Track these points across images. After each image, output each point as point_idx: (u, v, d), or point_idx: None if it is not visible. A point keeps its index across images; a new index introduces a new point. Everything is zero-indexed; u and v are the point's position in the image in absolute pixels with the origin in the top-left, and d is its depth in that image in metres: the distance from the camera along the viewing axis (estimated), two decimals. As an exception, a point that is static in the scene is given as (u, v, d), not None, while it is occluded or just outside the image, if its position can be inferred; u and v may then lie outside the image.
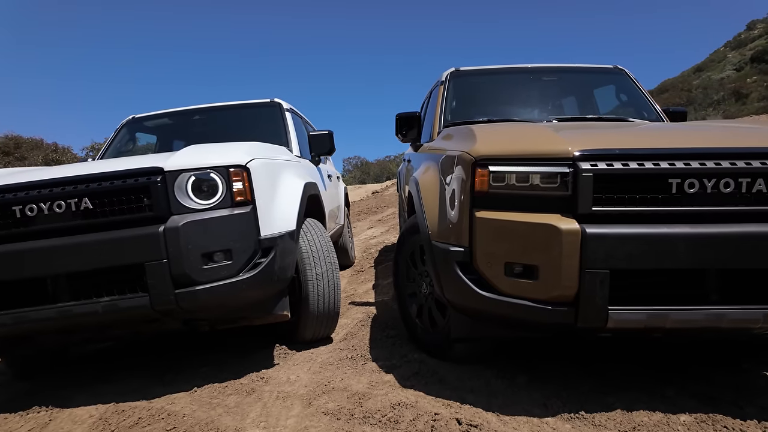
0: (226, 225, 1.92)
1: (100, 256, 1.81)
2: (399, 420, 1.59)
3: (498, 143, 1.68)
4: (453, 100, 3.02)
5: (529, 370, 1.94)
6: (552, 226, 1.48)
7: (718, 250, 1.44)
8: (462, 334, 1.92)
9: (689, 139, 1.63)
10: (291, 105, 3.80)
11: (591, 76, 3.14)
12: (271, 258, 2.00)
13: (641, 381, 1.83)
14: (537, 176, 1.55)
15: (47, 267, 1.82)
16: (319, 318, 2.38)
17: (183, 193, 1.89)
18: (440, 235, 1.84)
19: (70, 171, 1.97)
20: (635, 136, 1.75)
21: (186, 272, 1.81)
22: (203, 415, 1.76)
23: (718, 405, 1.64)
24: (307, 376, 2.06)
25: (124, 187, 1.86)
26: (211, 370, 2.23)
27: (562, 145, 1.54)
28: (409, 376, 1.97)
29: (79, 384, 2.23)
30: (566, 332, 1.62)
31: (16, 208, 1.86)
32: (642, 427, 1.48)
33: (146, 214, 1.86)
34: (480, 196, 1.64)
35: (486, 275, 1.64)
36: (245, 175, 2.00)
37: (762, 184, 1.45)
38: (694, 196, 1.47)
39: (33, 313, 1.83)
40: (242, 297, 1.96)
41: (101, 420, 1.79)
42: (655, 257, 1.44)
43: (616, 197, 1.49)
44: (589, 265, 1.44)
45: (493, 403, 1.68)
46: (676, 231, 1.44)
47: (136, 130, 3.73)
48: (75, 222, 1.86)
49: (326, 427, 1.58)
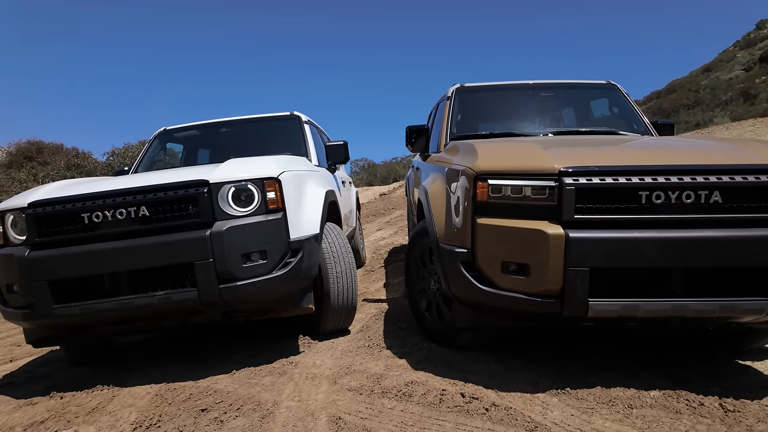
0: (261, 229, 2.23)
1: (156, 256, 2.13)
2: (412, 394, 1.88)
3: (496, 160, 1.97)
4: (458, 114, 3.31)
5: (525, 356, 2.22)
6: (541, 231, 1.76)
7: (681, 251, 1.71)
8: (466, 324, 2.21)
9: (657, 157, 1.91)
10: (308, 117, 4.11)
11: (586, 91, 3.41)
12: (299, 258, 2.31)
13: (621, 365, 2.11)
14: (528, 189, 1.83)
15: (111, 265, 2.14)
16: (339, 311, 2.68)
17: (225, 201, 2.21)
18: (447, 238, 2.13)
19: (128, 183, 2.29)
20: (613, 154, 2.02)
21: (228, 270, 2.12)
22: (244, 391, 2.06)
23: (687, 384, 1.91)
24: (331, 361, 2.36)
25: (176, 197, 2.17)
26: (244, 356, 2.54)
27: (550, 162, 1.82)
28: (420, 360, 2.26)
29: (130, 369, 2.55)
30: (554, 321, 1.90)
31: (84, 215, 2.18)
32: (617, 400, 1.76)
33: (194, 220, 2.18)
34: (481, 205, 1.93)
35: (486, 272, 1.93)
36: (277, 186, 2.31)
37: (717, 195, 1.72)
38: (661, 205, 1.74)
39: (99, 304, 2.15)
40: (275, 291, 2.27)
41: (158, 395, 2.11)
42: (627, 257, 1.72)
43: (594, 206, 1.77)
44: (572, 264, 1.73)
45: (493, 382, 1.97)
46: (645, 235, 1.72)
47: (167, 140, 4.07)
48: (134, 227, 2.18)
49: (351, 400, 1.88)
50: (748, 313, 1.73)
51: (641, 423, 1.59)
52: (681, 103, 33.80)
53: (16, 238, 2.27)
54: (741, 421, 1.59)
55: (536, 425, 1.60)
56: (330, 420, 1.72)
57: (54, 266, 2.15)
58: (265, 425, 1.72)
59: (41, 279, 2.14)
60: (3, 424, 1.99)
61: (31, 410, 2.11)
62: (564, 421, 1.63)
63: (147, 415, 1.90)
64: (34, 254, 2.16)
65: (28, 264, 2.15)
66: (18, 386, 2.53)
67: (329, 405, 1.85)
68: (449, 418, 1.68)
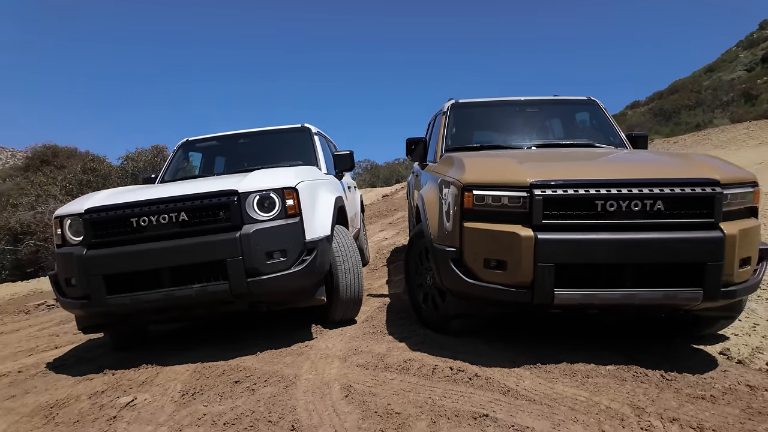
0: (282, 231, 2.62)
1: (194, 255, 2.52)
2: (410, 368, 2.26)
3: (480, 174, 2.35)
4: (453, 128, 3.69)
5: (506, 340, 2.60)
6: (515, 233, 2.14)
7: (630, 250, 2.08)
8: (457, 312, 2.59)
9: (613, 171, 2.27)
10: (318, 128, 4.50)
11: (568, 106, 3.78)
12: (314, 256, 2.70)
13: (588, 347, 2.48)
14: (506, 198, 2.21)
15: (156, 262, 2.54)
16: (347, 302, 3.07)
17: (251, 208, 2.60)
18: (439, 239, 2.52)
19: (168, 192, 2.68)
20: (576, 169, 2.38)
21: (255, 266, 2.52)
22: (269, 368, 2.46)
23: (641, 362, 2.28)
24: (341, 344, 2.75)
25: (210, 204, 2.57)
26: (266, 341, 2.93)
27: (523, 176, 2.20)
28: (417, 343, 2.64)
29: (166, 352, 2.95)
30: (527, 308, 2.28)
31: (133, 220, 2.58)
32: (577, 372, 2.13)
33: (225, 224, 2.57)
34: (467, 212, 2.31)
35: (471, 268, 2.31)
36: (295, 194, 2.70)
37: (660, 204, 2.10)
38: (614, 212, 2.12)
39: (145, 295, 2.55)
40: (293, 285, 2.66)
41: (196, 372, 2.50)
42: (586, 255, 2.10)
43: (559, 213, 2.14)
44: (541, 260, 2.10)
45: (477, 359, 2.35)
46: (600, 237, 2.09)
47: (189, 149, 4.48)
48: (175, 230, 2.57)
49: (359, 373, 2.27)
50: (686, 301, 2.10)
51: (593, 388, 1.97)
52: (682, 104, 33.82)
53: (73, 239, 2.68)
54: (672, 386, 1.96)
55: (509, 390, 1.98)
56: (342, 388, 2.11)
57: (108, 263, 2.55)
58: (289, 392, 2.11)
59: (97, 274, 2.54)
60: (69, 394, 2.39)
61: (90, 384, 2.51)
62: (532, 388, 2.01)
63: (190, 385, 2.30)
64: (91, 253, 2.56)
65: (86, 261, 2.55)
66: (71, 367, 2.94)
67: (341, 377, 2.24)
68: (439, 385, 2.06)
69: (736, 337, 2.69)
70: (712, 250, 2.06)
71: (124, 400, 2.18)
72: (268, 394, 2.09)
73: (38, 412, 2.20)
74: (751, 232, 2.16)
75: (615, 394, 1.91)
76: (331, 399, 1.99)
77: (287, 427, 1.77)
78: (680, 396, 1.89)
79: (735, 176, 2.20)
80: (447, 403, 1.88)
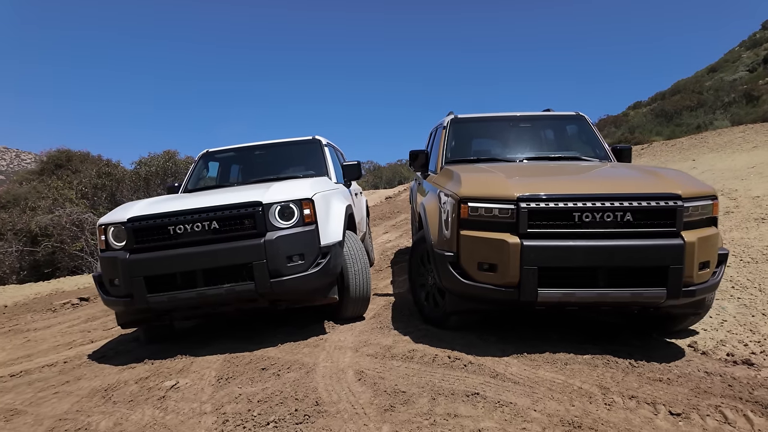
0: (300, 238, 2.98)
1: (224, 258, 2.88)
2: (413, 357, 2.61)
3: (474, 188, 2.69)
4: (452, 141, 4.04)
5: (498, 334, 2.94)
6: (504, 240, 2.48)
7: (603, 255, 2.42)
8: (454, 308, 2.94)
9: (589, 186, 2.60)
10: (328, 140, 4.86)
11: (558, 121, 4.12)
12: (328, 259, 3.05)
13: (571, 341, 2.82)
14: (496, 210, 2.56)
15: (190, 265, 2.90)
16: (357, 301, 3.42)
17: (274, 217, 2.96)
18: (439, 245, 2.86)
19: (200, 203, 3.03)
20: (557, 184, 2.71)
21: (277, 268, 2.87)
22: (290, 357, 2.81)
23: (614, 353, 2.61)
24: (352, 337, 3.10)
25: (238, 213, 2.93)
26: (284, 336, 3.28)
27: (511, 191, 2.54)
28: (419, 337, 2.99)
29: (195, 345, 3.30)
30: (514, 305, 2.61)
31: (170, 228, 2.94)
32: (558, 360, 2.47)
33: (251, 231, 2.93)
34: (463, 221, 2.66)
35: (467, 270, 2.65)
36: (311, 205, 3.06)
37: (629, 215, 2.43)
38: (589, 222, 2.46)
39: (181, 294, 2.91)
40: (310, 285, 3.01)
41: (226, 361, 2.86)
42: (564, 259, 2.44)
43: (542, 223, 2.48)
44: (526, 263, 2.44)
45: (472, 350, 2.69)
46: (577, 244, 2.43)
47: (209, 159, 4.85)
48: (207, 236, 2.93)
49: (369, 361, 2.62)
50: (652, 299, 2.44)
51: (569, 372, 2.31)
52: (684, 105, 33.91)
53: (116, 244, 3.04)
54: (637, 371, 2.30)
55: (498, 374, 2.32)
56: (355, 373, 2.46)
57: (148, 266, 2.91)
58: (310, 376, 2.46)
59: (139, 275, 2.90)
60: (118, 379, 2.75)
61: (134, 371, 2.88)
62: (518, 373, 2.35)
63: (223, 372, 2.65)
64: (133, 257, 2.93)
65: (129, 264, 2.91)
66: (111, 358, 3.31)
67: (354, 364, 2.59)
68: (438, 371, 2.41)
69: (705, 332, 3.02)
70: (674, 255, 2.39)
71: (168, 384, 2.54)
72: (292, 379, 2.45)
73: (95, 393, 2.56)
74: (710, 239, 2.50)
75: (587, 378, 2.25)
76: (347, 382, 2.34)
77: (312, 403, 2.12)
78: (642, 379, 2.23)
79: (696, 190, 2.53)
80: (445, 384, 2.23)
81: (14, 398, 2.67)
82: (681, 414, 1.88)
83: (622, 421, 1.84)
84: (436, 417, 1.91)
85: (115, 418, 2.20)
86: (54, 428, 2.16)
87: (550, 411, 1.93)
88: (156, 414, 2.18)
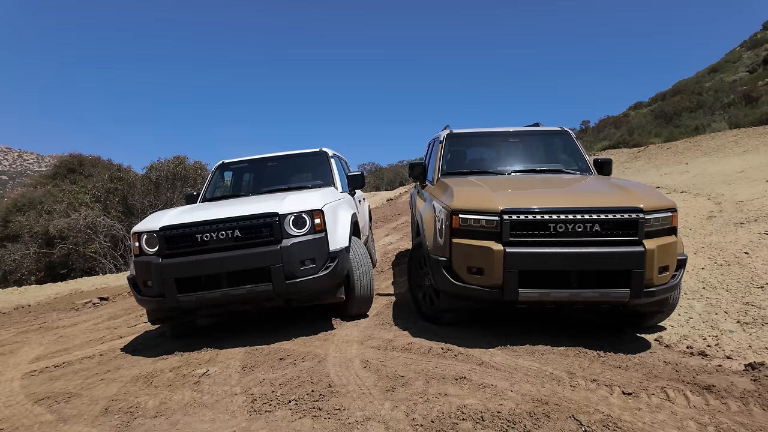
0: (311, 244, 3.38)
1: (246, 262, 3.28)
2: (411, 349, 3.01)
3: (464, 201, 3.08)
4: (448, 154, 4.44)
5: (486, 329, 3.34)
6: (489, 248, 2.87)
7: (575, 260, 2.81)
8: (448, 307, 3.33)
9: (563, 200, 2.99)
10: (335, 151, 5.26)
11: (545, 136, 4.51)
12: (336, 263, 3.45)
13: (551, 335, 3.21)
14: (483, 221, 2.95)
15: (216, 268, 3.30)
16: (361, 300, 3.82)
17: (288, 226, 3.36)
18: (434, 251, 3.25)
19: (224, 213, 3.43)
20: (536, 197, 3.08)
21: (292, 271, 3.27)
22: (303, 349, 3.21)
23: (587, 345, 3.00)
24: (357, 332, 3.49)
25: (258, 223, 3.33)
26: (297, 331, 3.68)
27: (495, 204, 2.93)
28: (417, 332, 3.38)
29: (217, 340, 3.70)
30: (498, 304, 3.00)
31: (198, 236, 3.35)
32: (536, 351, 2.86)
33: (269, 238, 3.33)
34: (455, 230, 3.05)
35: (458, 273, 3.04)
36: (321, 215, 3.46)
37: (597, 226, 2.82)
38: (563, 232, 2.85)
39: (208, 294, 3.31)
40: (321, 286, 3.41)
41: (247, 353, 3.26)
42: (541, 264, 2.82)
43: (522, 232, 2.87)
44: (508, 267, 2.83)
45: (462, 342, 3.08)
46: (552, 251, 2.82)
47: (224, 170, 5.25)
48: (230, 243, 3.34)
49: (373, 352, 3.01)
50: (617, 298, 2.82)
51: (544, 360, 2.70)
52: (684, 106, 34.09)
53: (148, 250, 3.45)
54: (601, 360, 2.69)
55: (483, 362, 2.71)
56: (361, 361, 2.86)
57: (179, 269, 3.31)
58: (322, 365, 2.86)
59: (170, 277, 3.31)
60: (154, 368, 3.15)
61: (166, 362, 3.28)
62: (501, 362, 2.74)
63: (246, 361, 3.05)
64: (165, 261, 3.33)
65: (162, 268, 3.31)
66: (143, 350, 3.71)
67: (359, 355, 2.98)
68: (433, 360, 2.80)
69: (672, 328, 3.40)
70: (636, 261, 2.77)
71: (200, 371, 2.94)
72: (307, 366, 2.85)
73: (137, 380, 2.96)
74: (669, 246, 2.88)
75: (558, 365, 2.64)
76: (354, 368, 2.74)
77: (325, 385, 2.52)
78: (605, 366, 2.61)
79: (657, 204, 2.92)
80: (437, 370, 2.62)
81: (65, 384, 3.07)
82: (632, 393, 2.26)
83: (582, 399, 2.23)
84: (429, 396, 2.31)
85: (159, 398, 2.60)
86: (109, 407, 2.56)
87: (524, 391, 2.32)
88: (194, 395, 2.58)
